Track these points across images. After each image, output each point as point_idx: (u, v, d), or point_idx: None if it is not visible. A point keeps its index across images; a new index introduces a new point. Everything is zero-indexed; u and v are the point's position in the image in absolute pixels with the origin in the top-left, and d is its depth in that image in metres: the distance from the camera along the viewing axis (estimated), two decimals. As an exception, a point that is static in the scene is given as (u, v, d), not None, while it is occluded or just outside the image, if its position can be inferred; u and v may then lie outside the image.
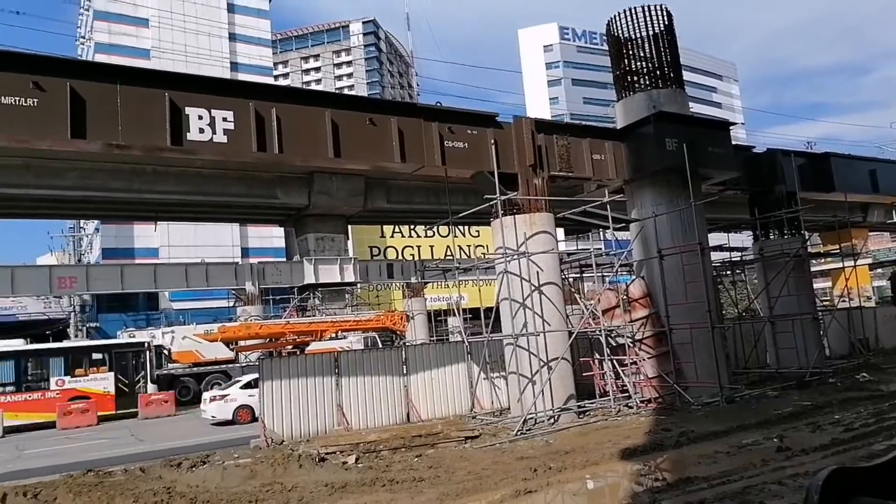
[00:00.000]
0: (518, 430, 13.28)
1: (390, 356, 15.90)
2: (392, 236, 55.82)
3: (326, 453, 11.79)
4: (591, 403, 15.48)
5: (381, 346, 29.77)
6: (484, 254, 32.45)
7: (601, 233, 51.28)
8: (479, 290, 19.07)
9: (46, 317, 42.84)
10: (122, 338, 31.12)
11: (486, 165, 14.85)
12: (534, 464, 10.32)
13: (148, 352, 26.28)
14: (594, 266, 17.57)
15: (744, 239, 30.16)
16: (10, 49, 10.92)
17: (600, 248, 29.33)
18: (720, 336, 16.77)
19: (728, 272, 25.12)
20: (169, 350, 29.84)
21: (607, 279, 21.54)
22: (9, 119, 10.19)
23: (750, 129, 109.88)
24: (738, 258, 23.97)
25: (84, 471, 11.56)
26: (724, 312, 22.18)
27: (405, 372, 15.69)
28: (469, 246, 53.17)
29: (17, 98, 10.16)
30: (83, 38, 63.41)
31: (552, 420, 14.22)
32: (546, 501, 8.97)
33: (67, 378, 24.00)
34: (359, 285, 37.43)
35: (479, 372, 16.19)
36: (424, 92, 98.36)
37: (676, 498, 8.15)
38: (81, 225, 53.64)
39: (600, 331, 15.72)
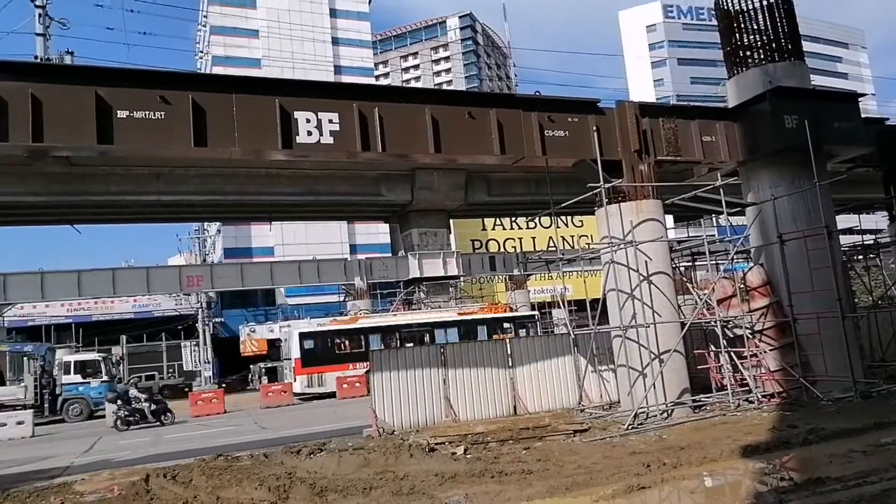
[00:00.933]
0: (629, 425, 12.91)
1: (495, 348, 15.93)
2: (493, 229, 55.84)
3: (436, 443, 12.02)
4: (708, 398, 14.77)
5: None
6: (588, 244, 31.74)
7: (714, 218, 48.73)
8: (584, 281, 18.71)
9: (178, 313, 46.50)
10: (243, 333, 33.14)
11: (588, 153, 14.50)
12: (647, 459, 10.00)
13: None
14: (707, 253, 16.70)
15: (878, 220, 27.63)
16: (140, 67, 11.89)
17: (713, 235, 27.85)
18: (853, 326, 15.46)
19: (860, 257, 23.12)
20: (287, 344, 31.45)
21: (722, 267, 20.41)
22: (141, 132, 11.11)
23: (882, 99, 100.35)
24: (872, 241, 22.01)
25: (215, 455, 12.46)
26: (856, 301, 20.41)
27: (511, 364, 15.68)
28: (572, 236, 52.22)
29: (147, 112, 11.06)
30: (202, 52, 68.07)
31: (665, 415, 13.71)
32: (661, 498, 8.67)
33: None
34: (462, 278, 37.76)
35: (587, 364, 15.88)
36: (522, 82, 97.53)
37: (806, 499, 7.62)
38: (205, 227, 57.64)
39: (715, 321, 14.95)
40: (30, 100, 10.45)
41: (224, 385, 34.37)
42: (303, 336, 28.81)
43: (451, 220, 36.99)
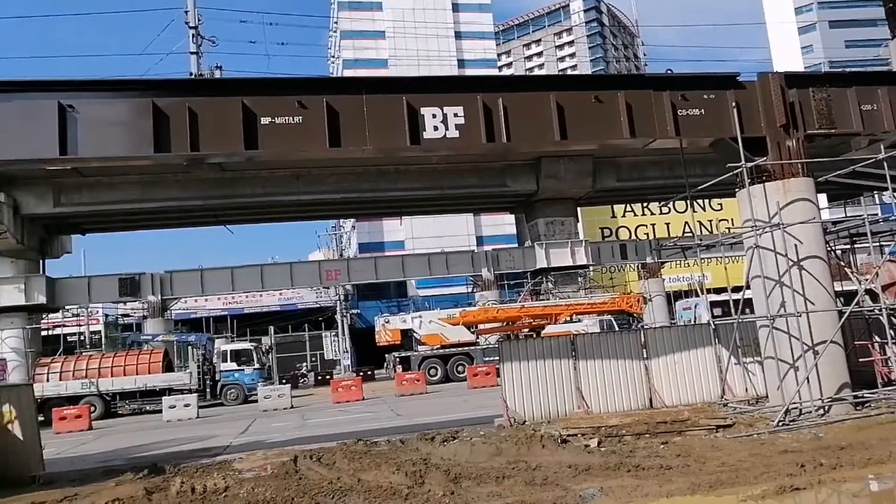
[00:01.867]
0: (779, 421, 11.99)
1: (628, 339, 15.42)
2: (624, 216, 54.00)
3: (568, 435, 11.87)
4: (872, 394, 13.36)
5: (617, 329, 29.06)
6: (729, 228, 29.78)
7: (876, 195, 43.84)
8: (725, 268, 17.54)
9: (318, 305, 49.44)
10: (378, 324, 34.54)
11: (726, 131, 13.58)
12: (800, 458, 9.24)
13: None
14: (869, 234, 15.08)
15: None
16: (279, 76, 12.73)
17: (876, 214, 25.05)
18: None
19: None
20: (418, 334, 32.42)
21: (887, 250, 18.32)
22: (282, 136, 11.91)
23: None
24: None
25: (355, 440, 13.14)
26: None
27: (645, 356, 15.10)
28: (710, 220, 49.29)
29: (287, 118, 11.83)
30: (333, 56, 71.60)
31: (822, 411, 12.59)
32: (817, 501, 7.98)
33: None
34: (591, 268, 36.89)
35: (730, 356, 14.94)
36: (652, 61, 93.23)
37: None
38: (341, 224, 60.71)
39: (880, 310, 13.48)
40: (187, 113, 11.54)
41: (361, 373, 36.08)
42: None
43: (578, 209, 36.22)
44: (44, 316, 32.30)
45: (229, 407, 27.52)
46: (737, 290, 14.67)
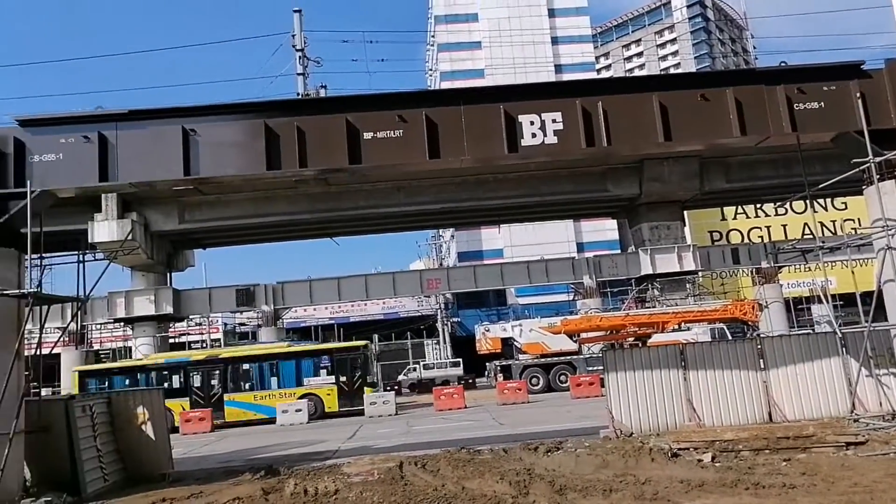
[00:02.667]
0: (921, 440, 10.89)
1: (743, 349, 14.54)
2: (735, 218, 51.13)
3: (679, 449, 11.36)
4: None
5: (730, 338, 27.52)
6: (855, 228, 27.48)
7: None
8: (853, 272, 16.20)
9: (420, 313, 50.31)
10: (478, 332, 34.65)
11: (850, 124, 12.57)
12: (948, 482, 8.35)
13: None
14: None
15: None
16: (380, 91, 13.15)
17: None
18: None
19: None
20: (518, 342, 32.20)
21: None
22: (383, 150, 12.27)
23: None
24: None
25: (458, 448, 13.22)
26: None
27: (763, 366, 14.19)
28: (834, 221, 45.66)
29: (388, 132, 12.18)
30: (431, 70, 72.98)
31: (972, 430, 11.31)
32: (971, 531, 7.16)
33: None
34: (700, 273, 35.20)
35: (860, 368, 13.74)
36: (763, 54, 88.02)
37: None
38: (440, 233, 61.57)
39: None
40: (295, 131, 12.15)
41: (462, 381, 36.28)
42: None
43: (684, 212, 34.75)
44: (171, 325, 34.93)
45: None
46: (867, 295, 13.48)
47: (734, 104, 12.58)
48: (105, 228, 27.55)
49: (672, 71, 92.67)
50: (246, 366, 26.84)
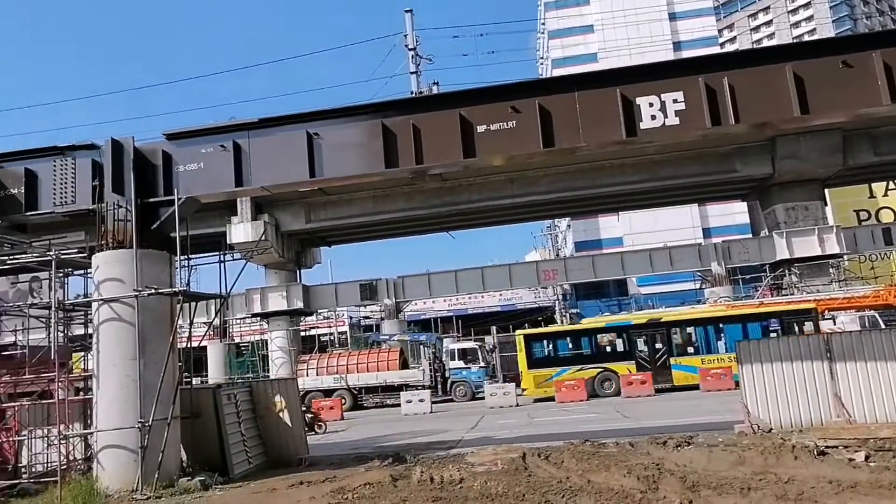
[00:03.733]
0: None
1: (900, 339, 13.15)
2: (885, 195, 46.31)
3: (826, 447, 10.49)
4: None
5: (884, 326, 24.97)
6: None
7: None
8: None
9: (537, 305, 49.92)
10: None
11: None
12: None
13: None
14: None
15: None
16: (491, 84, 13.13)
17: None
18: None
19: None
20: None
21: None
22: (496, 142, 12.28)
23: None
24: None
25: (582, 440, 13.01)
26: None
27: (925, 358, 12.75)
28: None
29: (501, 123, 12.17)
30: (542, 58, 71.97)
31: None
32: None
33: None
34: (846, 257, 32.23)
35: None
36: (914, 10, 78.52)
37: None
38: (556, 223, 60.68)
39: None
40: (411, 129, 12.44)
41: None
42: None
43: (825, 190, 31.96)
44: (301, 319, 37.05)
45: (458, 403, 28.96)
46: None
47: (883, 69, 11.37)
48: (241, 230, 29.67)
49: (807, 38, 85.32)
50: (691, 329, 26.20)
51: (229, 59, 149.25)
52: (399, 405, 26.18)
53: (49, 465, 13.64)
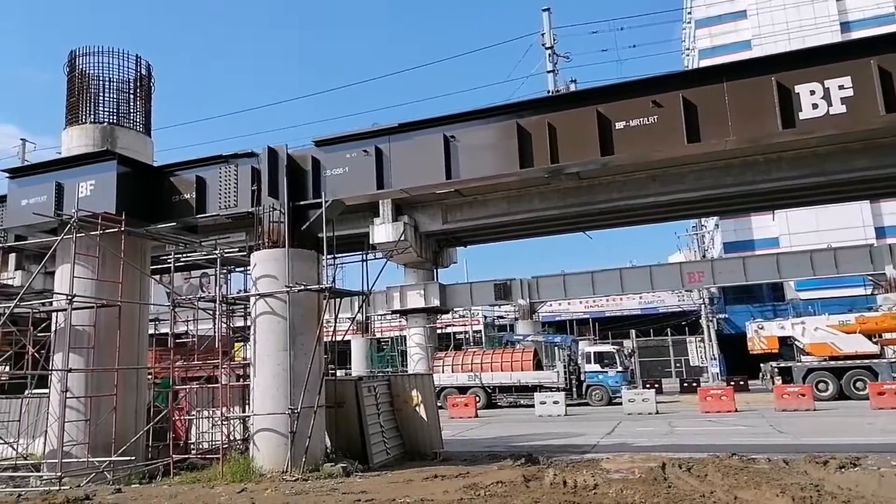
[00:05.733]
0: None
1: None
2: None
3: None
4: None
5: None
6: None
7: None
8: None
9: (681, 309, 47.42)
10: (750, 330, 31.43)
11: None
12: None
13: None
14: None
15: None
16: (630, 78, 12.67)
17: None
18: None
19: None
20: (801, 342, 28.55)
21: None
22: (636, 139, 11.81)
23: None
24: None
25: (729, 454, 12.18)
26: None
27: None
28: None
29: (641, 119, 11.69)
30: (687, 49, 68.24)
31: None
32: None
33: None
34: None
35: None
36: None
37: None
38: (702, 223, 57.27)
39: None
40: (546, 128, 12.32)
41: (732, 382, 33.32)
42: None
43: None
44: (438, 316, 37.99)
45: (594, 407, 28.25)
46: None
47: None
48: (382, 231, 30.97)
49: None
50: None
51: (369, 66, 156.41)
52: (533, 406, 26.04)
53: (212, 443, 15.11)
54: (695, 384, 34.48)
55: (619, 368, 29.74)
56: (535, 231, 35.98)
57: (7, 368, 15.89)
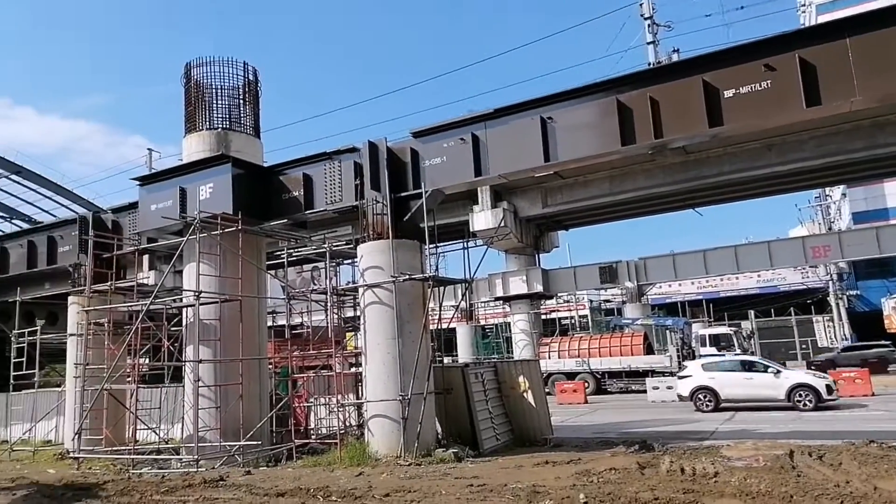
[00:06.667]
0: None
1: None
2: None
3: None
4: None
5: None
6: None
7: None
8: None
9: (805, 286, 44.23)
10: (886, 306, 28.84)
11: None
12: None
13: None
14: None
15: None
16: (738, 42, 11.87)
17: None
18: None
19: None
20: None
21: None
22: (748, 106, 11.08)
23: None
24: None
25: (866, 441, 11.26)
26: None
27: None
28: None
29: (753, 85, 10.93)
30: (803, 5, 63.07)
31: None
32: None
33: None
34: None
35: None
36: None
37: None
38: (827, 193, 53.06)
39: None
40: (648, 102, 11.82)
41: (867, 364, 30.71)
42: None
43: None
44: (542, 302, 37.66)
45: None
46: None
47: None
48: (482, 218, 31.02)
49: None
50: None
51: (464, 52, 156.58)
52: (644, 391, 25.27)
53: (330, 428, 15.83)
54: (824, 366, 32.06)
55: (738, 351, 28.23)
56: (641, 210, 34.70)
57: (147, 360, 17.39)
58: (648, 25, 34.11)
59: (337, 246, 15.42)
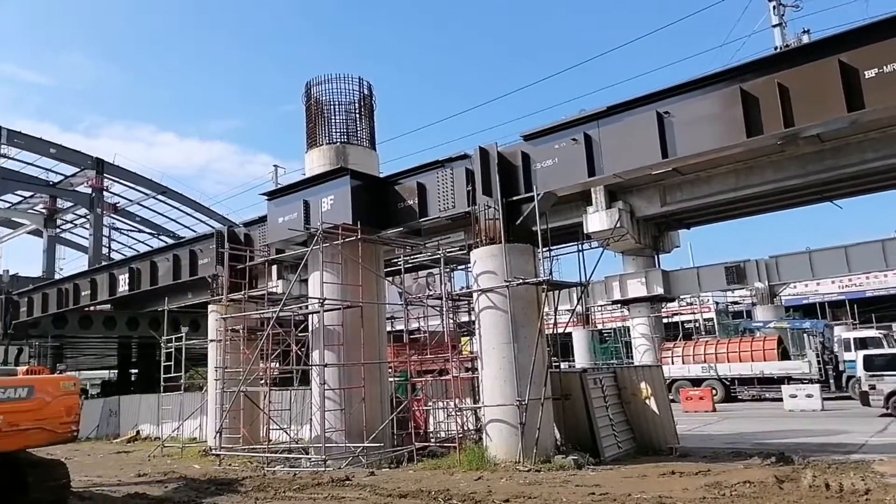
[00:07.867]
0: None
1: None
2: None
3: None
4: None
5: None
6: None
7: None
8: None
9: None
10: None
11: None
12: None
13: None
14: None
15: None
16: (878, 18, 10.79)
17: None
18: None
19: None
20: None
21: None
22: (890, 87, 10.04)
23: None
24: None
25: None
26: None
27: None
28: None
29: (902, 62, 9.92)
30: (955, -29, 56.42)
31: None
32: None
33: None
34: None
35: None
36: None
37: None
38: None
39: None
40: (776, 89, 11.02)
41: None
42: None
43: None
44: (663, 305, 36.09)
45: (857, 401, 24.65)
46: None
47: None
48: (596, 219, 30.23)
49: None
50: None
51: (569, 54, 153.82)
52: (780, 399, 23.52)
53: (448, 432, 16.04)
54: None
55: (889, 356, 25.53)
56: (770, 206, 32.34)
57: (277, 365, 18.49)
58: (774, 6, 31.82)
59: (451, 252, 15.64)
